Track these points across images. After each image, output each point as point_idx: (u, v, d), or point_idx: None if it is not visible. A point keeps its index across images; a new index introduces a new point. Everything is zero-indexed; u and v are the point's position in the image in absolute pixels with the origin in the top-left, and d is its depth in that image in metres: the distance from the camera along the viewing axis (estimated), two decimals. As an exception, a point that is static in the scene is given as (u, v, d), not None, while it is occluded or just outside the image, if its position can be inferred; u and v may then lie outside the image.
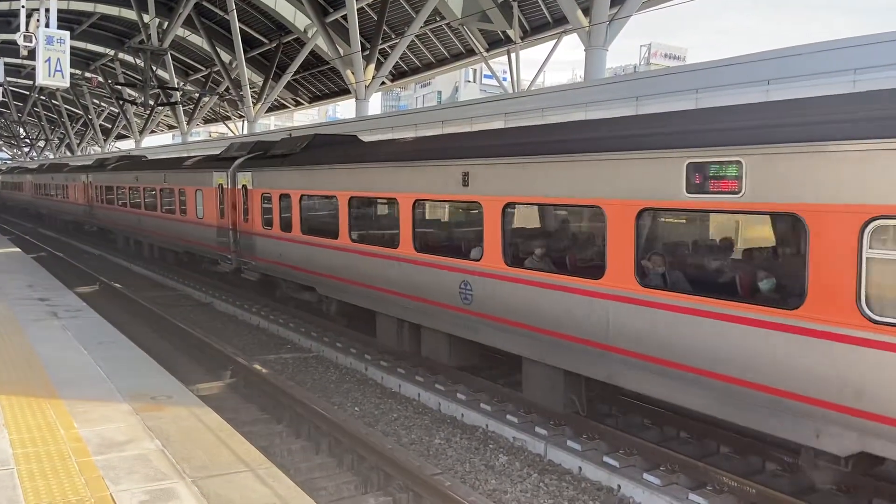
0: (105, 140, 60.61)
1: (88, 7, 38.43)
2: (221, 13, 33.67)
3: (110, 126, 59.87)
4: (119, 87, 42.28)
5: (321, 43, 30.33)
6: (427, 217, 11.40)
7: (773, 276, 6.69)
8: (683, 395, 7.02)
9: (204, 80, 42.89)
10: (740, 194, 6.33)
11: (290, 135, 20.02)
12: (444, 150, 10.42)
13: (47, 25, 11.50)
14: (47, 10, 11.54)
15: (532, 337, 8.72)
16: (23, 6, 11.68)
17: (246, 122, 38.05)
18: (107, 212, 29.07)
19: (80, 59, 46.39)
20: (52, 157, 73.50)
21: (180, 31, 37.27)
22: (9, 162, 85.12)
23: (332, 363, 12.83)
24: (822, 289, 5.75)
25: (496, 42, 27.35)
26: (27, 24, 11.58)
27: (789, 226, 6.53)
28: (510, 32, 24.70)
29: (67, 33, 11.72)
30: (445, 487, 6.98)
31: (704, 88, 12.33)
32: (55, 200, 39.51)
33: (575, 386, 8.75)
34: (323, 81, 38.62)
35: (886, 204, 5.35)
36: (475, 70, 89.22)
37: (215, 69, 39.19)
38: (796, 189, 5.94)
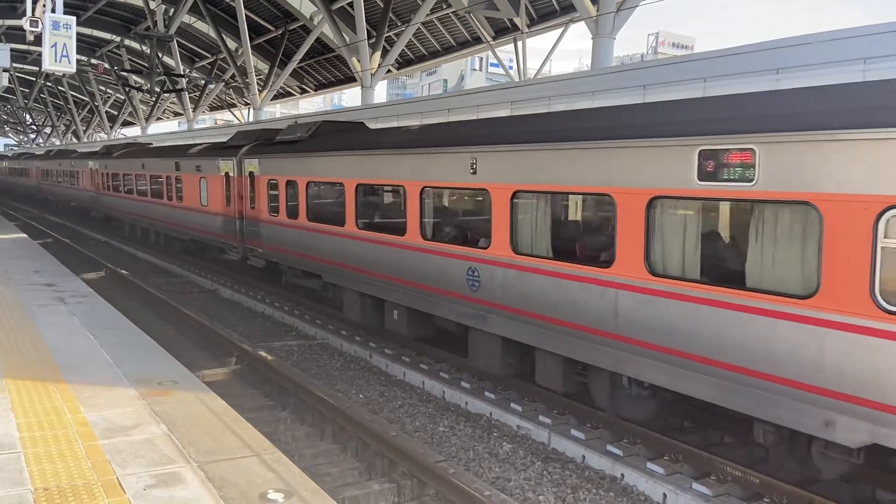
0: (111, 127, 60.62)
1: (95, -8, 38.39)
2: (227, 0, 33.59)
3: (116, 113, 59.90)
4: (125, 73, 42.25)
5: (327, 30, 30.21)
6: None
7: None
8: None
9: (210, 67, 42.85)
10: None
11: None
12: None
13: (53, 10, 11.49)
14: (53, -5, 11.53)
15: None
16: (29, -9, 11.66)
17: (252, 110, 38.05)
18: (323, 242, 14.05)
19: (86, 46, 46.38)
20: (60, 140, 73.30)
21: (186, 18, 37.20)
22: (14, 147, 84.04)
23: (336, 350, 12.86)
24: None
25: (503, 30, 27.21)
26: (33, 9, 11.56)
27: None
28: (517, 20, 24.55)
29: (74, 19, 11.72)
30: (449, 475, 7.01)
31: (712, 77, 12.24)
32: (150, 202, 24.61)
33: None
34: (328, 69, 38.53)
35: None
36: (481, 58, 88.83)
37: (221, 56, 39.15)
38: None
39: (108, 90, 57.88)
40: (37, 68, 47.83)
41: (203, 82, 41.56)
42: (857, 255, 5.74)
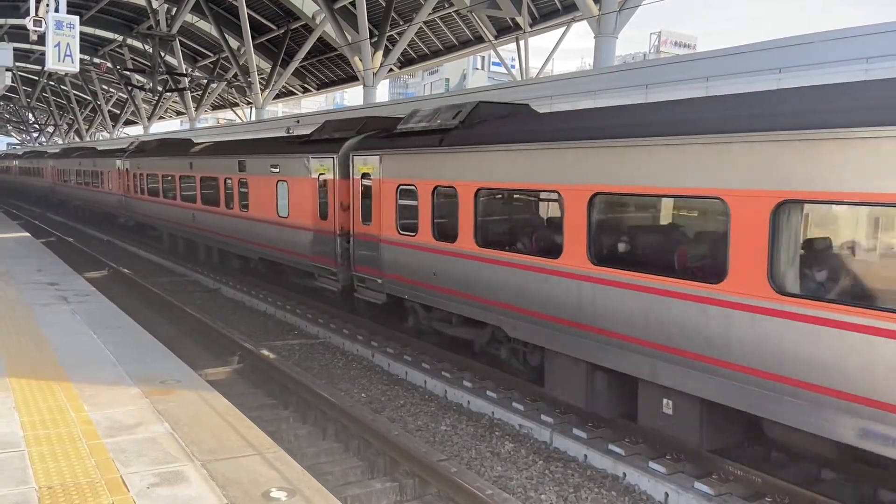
0: (114, 126, 60.69)
1: (97, -8, 38.43)
2: (230, -1, 33.66)
3: (119, 112, 59.97)
4: (127, 72, 42.32)
5: (329, 29, 30.26)
6: None
7: None
8: None
9: (212, 66, 42.91)
10: None
11: None
12: None
13: (57, 10, 11.53)
14: (56, -5, 11.56)
15: None
16: (32, -9, 11.69)
17: (254, 109, 38.12)
18: None
19: (88, 45, 46.45)
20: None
21: (188, 17, 37.27)
22: (17, 146, 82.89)
23: (338, 349, 12.87)
24: None
25: (505, 29, 27.23)
26: (37, 8, 11.59)
27: None
28: (519, 19, 24.57)
29: (77, 18, 11.75)
30: (451, 473, 7.02)
31: (715, 77, 12.24)
32: (200, 209, 19.98)
33: None
34: (331, 68, 38.58)
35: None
36: (483, 57, 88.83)
37: (223, 55, 39.19)
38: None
39: (111, 89, 57.93)
40: (40, 67, 47.92)
41: (205, 81, 41.63)
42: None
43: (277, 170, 15.47)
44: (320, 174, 13.74)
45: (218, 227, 18.94)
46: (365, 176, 12.41)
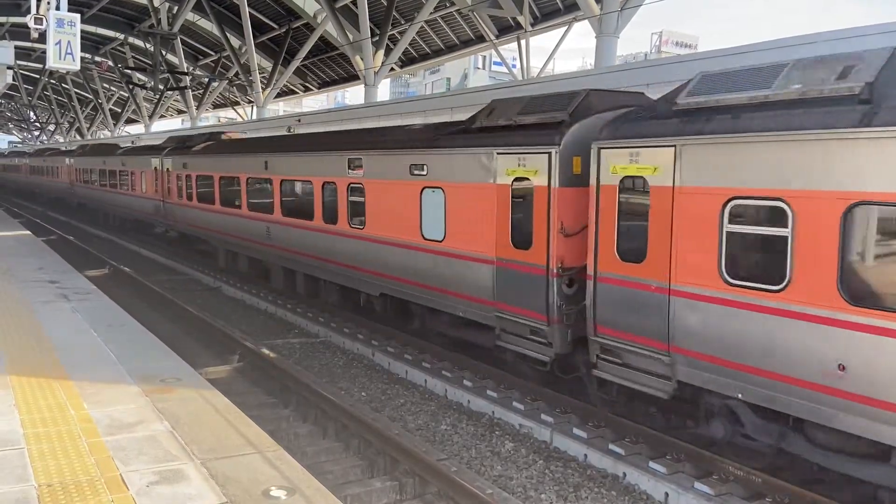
0: (115, 124, 60.68)
1: (98, -10, 38.46)
2: (231, -2, 33.67)
3: (120, 110, 60.00)
4: (129, 71, 42.34)
5: (331, 28, 30.29)
6: None
7: None
8: None
9: (213, 65, 42.94)
10: None
11: None
12: None
13: (58, 8, 11.54)
14: (58, -7, 11.57)
15: None
16: (34, -12, 11.70)
17: (255, 108, 38.14)
18: None
19: (90, 43, 46.46)
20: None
21: (190, 16, 37.30)
22: (18, 145, 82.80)
23: (339, 348, 12.88)
24: None
25: (506, 28, 27.24)
26: (38, 6, 11.59)
27: None
28: (520, 19, 24.57)
29: (78, 16, 11.75)
30: (451, 473, 7.02)
31: (716, 77, 12.20)
32: (285, 224, 15.50)
33: None
34: (332, 67, 38.59)
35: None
36: (484, 57, 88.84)
37: (225, 54, 39.24)
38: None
39: (112, 88, 57.96)
40: (41, 65, 47.92)
41: (206, 80, 41.66)
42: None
43: (424, 172, 11.12)
44: (515, 178, 9.41)
45: (310, 248, 14.50)
46: (629, 182, 7.95)
